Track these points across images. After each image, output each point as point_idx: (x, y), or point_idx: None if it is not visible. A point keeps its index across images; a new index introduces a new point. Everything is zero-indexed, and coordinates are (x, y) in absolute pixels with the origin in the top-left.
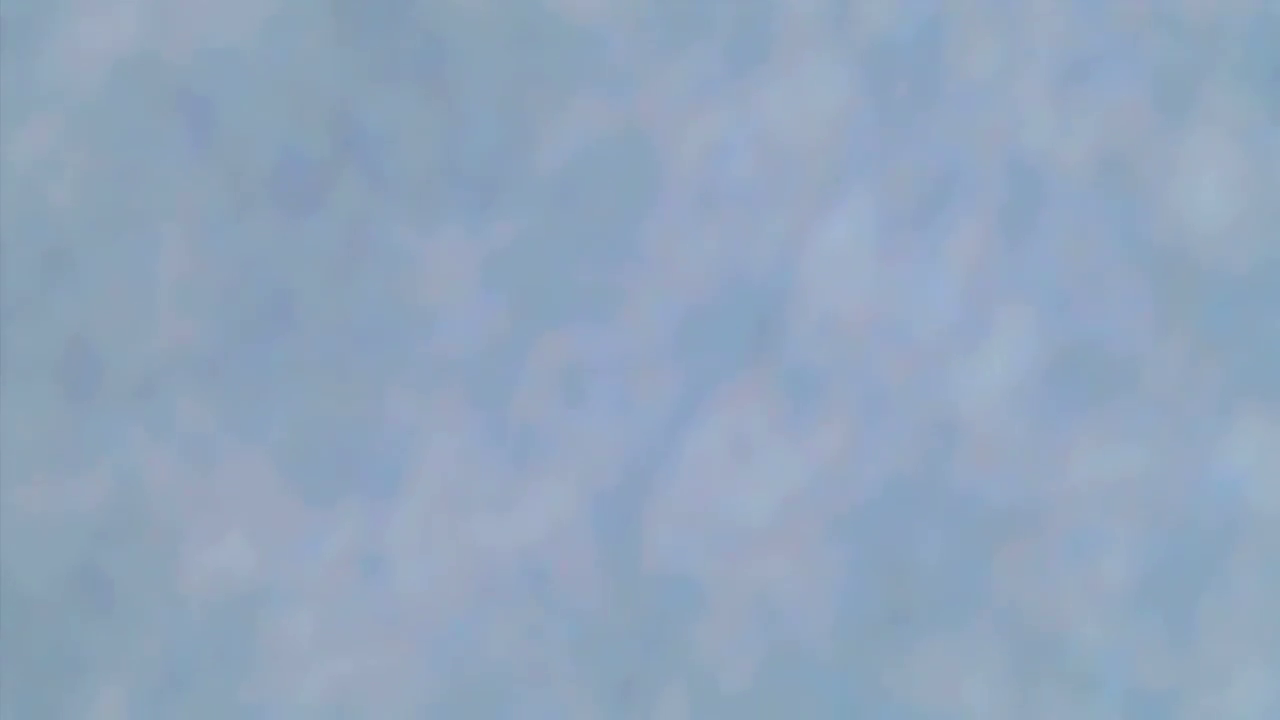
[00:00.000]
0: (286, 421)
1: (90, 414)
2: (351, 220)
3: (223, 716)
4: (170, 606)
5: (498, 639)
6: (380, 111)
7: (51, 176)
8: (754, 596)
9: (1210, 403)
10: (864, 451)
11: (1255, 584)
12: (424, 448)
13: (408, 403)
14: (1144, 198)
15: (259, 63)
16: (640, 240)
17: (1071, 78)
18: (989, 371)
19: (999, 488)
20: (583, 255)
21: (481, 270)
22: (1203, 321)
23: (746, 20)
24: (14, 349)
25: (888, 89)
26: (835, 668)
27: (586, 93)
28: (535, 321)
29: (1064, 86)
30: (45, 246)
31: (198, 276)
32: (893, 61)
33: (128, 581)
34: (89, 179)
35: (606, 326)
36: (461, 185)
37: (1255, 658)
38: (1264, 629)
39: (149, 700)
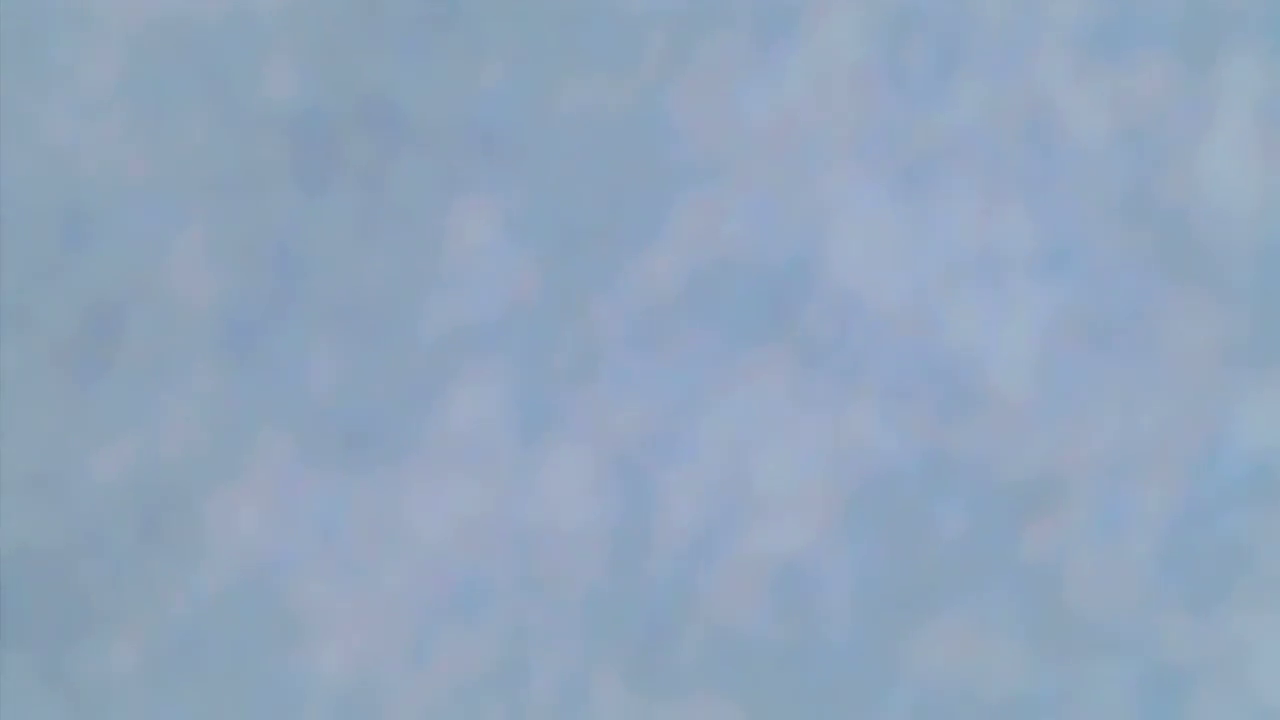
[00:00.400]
0: (306, 388)
1: (110, 381)
2: (372, 184)
3: (238, 685)
4: (187, 573)
5: (516, 608)
6: (404, 75)
7: (74, 144)
8: (773, 568)
9: (1232, 369)
10: (884, 421)
11: (1278, 551)
12: (443, 415)
13: (428, 369)
14: (1163, 163)
15: (281, 27)
16: (661, 208)
17: (1092, 45)
18: (1009, 339)
19: (1019, 457)
20: (602, 223)
21: (501, 237)
22: (1223, 286)
23: None
24: (35, 316)
25: (909, 56)
26: (855, 639)
27: (607, 59)
28: (555, 288)
29: (1085, 54)
30: (66, 213)
31: (218, 242)
32: (914, 28)
33: (145, 547)
34: (111, 145)
35: (626, 293)
36: (483, 151)
37: (1278, 626)
38: None
39: (162, 665)
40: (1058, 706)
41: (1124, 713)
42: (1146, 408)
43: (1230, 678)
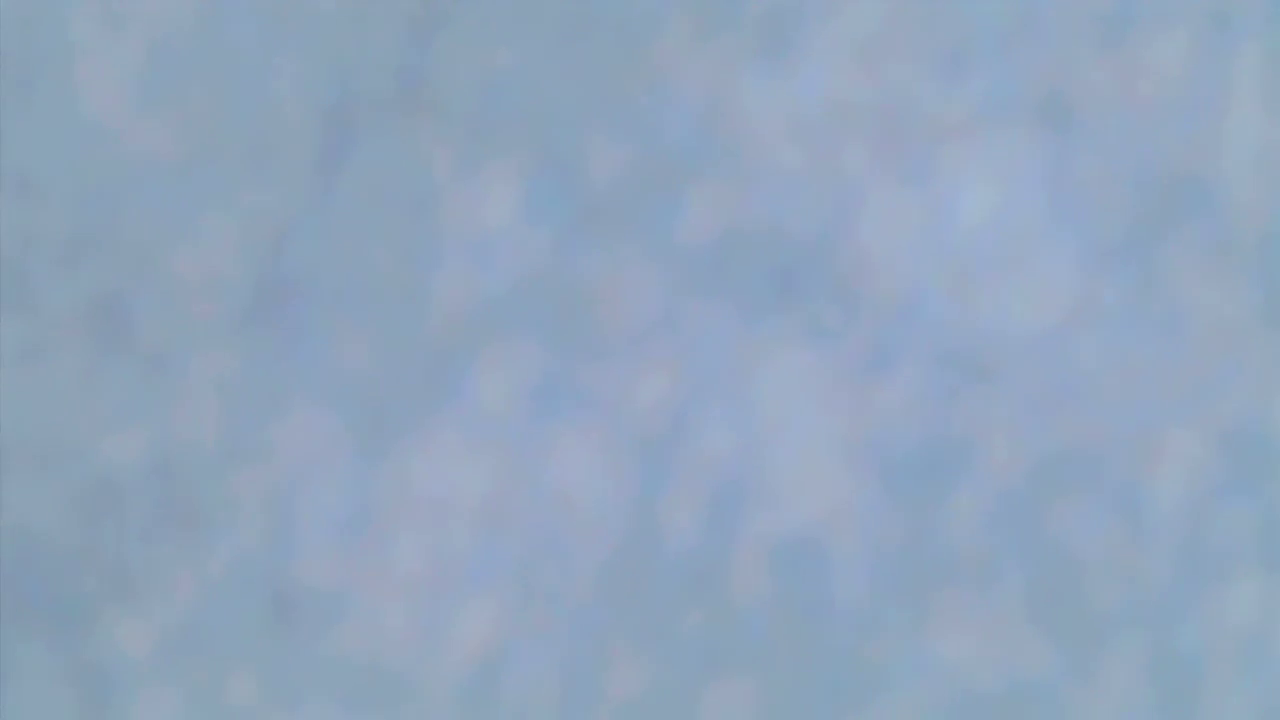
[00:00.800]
0: (323, 366)
1: (127, 360)
2: (390, 163)
3: (252, 665)
4: (202, 553)
5: (531, 584)
6: (423, 56)
7: (95, 123)
8: (789, 545)
9: (1252, 347)
10: (902, 400)
11: None
12: (459, 391)
13: (445, 346)
14: (1182, 140)
15: (300, 8)
16: (679, 186)
17: (1110, 23)
18: (1027, 317)
19: (1037, 436)
20: (619, 201)
21: (519, 214)
22: (1242, 264)
23: None
24: (49, 303)
25: (927, 34)
26: (870, 619)
27: (625, 37)
28: (572, 265)
29: (1103, 32)
30: (87, 192)
31: (237, 221)
32: (934, 6)
33: (160, 527)
34: (132, 125)
35: (642, 271)
36: (500, 130)
37: None
38: None
39: (175, 646)
40: (1073, 688)
41: (1140, 695)
42: (1165, 388)
43: (1247, 661)
